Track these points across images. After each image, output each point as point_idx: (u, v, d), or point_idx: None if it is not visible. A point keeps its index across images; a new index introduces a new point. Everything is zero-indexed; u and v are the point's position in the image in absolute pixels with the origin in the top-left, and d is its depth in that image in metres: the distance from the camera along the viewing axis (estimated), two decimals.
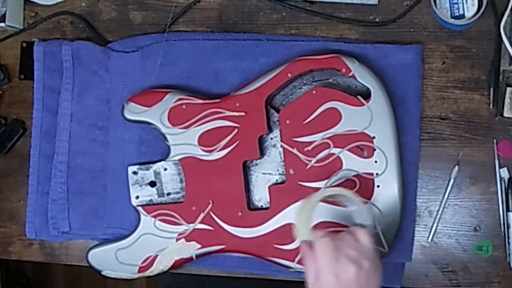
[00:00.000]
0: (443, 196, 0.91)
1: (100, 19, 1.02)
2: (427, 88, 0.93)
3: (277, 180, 0.92)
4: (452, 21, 0.90)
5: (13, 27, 1.02)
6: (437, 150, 0.92)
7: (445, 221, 0.92)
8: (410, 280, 0.93)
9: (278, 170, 0.92)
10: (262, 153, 0.92)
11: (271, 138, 0.92)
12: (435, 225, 0.91)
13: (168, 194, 0.93)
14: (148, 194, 0.94)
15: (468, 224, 0.92)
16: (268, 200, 0.90)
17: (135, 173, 0.94)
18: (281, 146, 0.90)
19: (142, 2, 1.00)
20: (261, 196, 0.92)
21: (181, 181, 0.93)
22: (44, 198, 0.98)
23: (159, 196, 0.94)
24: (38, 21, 1.03)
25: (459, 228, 0.92)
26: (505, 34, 0.88)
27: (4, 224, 1.03)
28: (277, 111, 0.91)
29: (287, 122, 0.89)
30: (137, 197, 0.94)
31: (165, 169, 0.93)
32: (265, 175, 0.93)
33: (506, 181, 0.90)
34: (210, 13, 0.99)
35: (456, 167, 0.91)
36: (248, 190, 0.92)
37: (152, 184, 0.93)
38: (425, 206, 0.92)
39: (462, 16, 0.90)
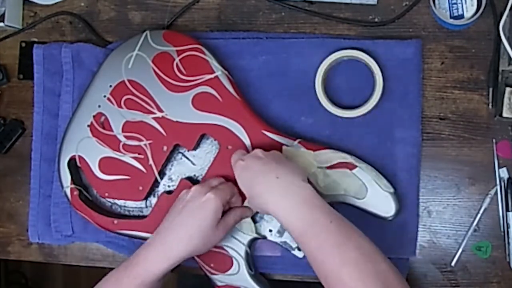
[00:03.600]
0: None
1: (99, 19, 1.02)
2: (426, 88, 0.93)
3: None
4: (451, 21, 0.90)
5: (12, 27, 1.02)
6: (436, 150, 0.92)
7: (444, 221, 0.92)
8: (409, 280, 0.93)
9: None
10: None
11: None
12: (460, 249, 0.92)
13: None
14: None
15: (467, 224, 0.91)
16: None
17: None
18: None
19: (141, 2, 1.00)
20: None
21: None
22: (46, 202, 0.98)
23: None
24: (37, 21, 1.03)
25: (458, 228, 0.92)
26: (504, 34, 0.88)
27: (3, 224, 1.03)
28: None
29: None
30: None
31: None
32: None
33: (506, 181, 0.90)
34: (209, 13, 0.99)
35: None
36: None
37: None
38: (424, 206, 0.92)
39: (461, 16, 0.90)
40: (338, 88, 0.93)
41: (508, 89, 0.88)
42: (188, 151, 0.94)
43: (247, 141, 0.89)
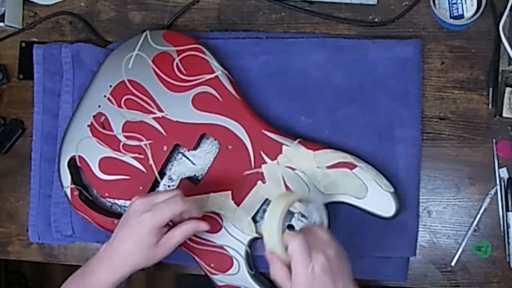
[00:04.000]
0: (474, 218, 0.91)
1: (99, 19, 1.02)
2: (426, 88, 0.93)
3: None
4: (451, 21, 0.90)
5: (12, 27, 1.02)
6: (436, 150, 0.92)
7: (444, 221, 0.92)
8: (409, 280, 0.92)
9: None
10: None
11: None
12: (460, 249, 0.92)
13: None
14: None
15: (467, 224, 0.92)
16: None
17: None
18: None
19: (141, 2, 1.00)
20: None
21: None
22: (46, 202, 0.98)
23: None
24: (37, 21, 1.03)
25: (458, 228, 0.92)
26: (504, 34, 0.88)
27: (3, 224, 1.03)
28: None
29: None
30: None
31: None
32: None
33: (506, 181, 0.90)
34: (209, 13, 0.99)
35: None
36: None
37: None
38: (424, 206, 0.92)
39: (461, 16, 0.90)
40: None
41: (508, 89, 0.88)
42: (188, 151, 0.94)
43: (247, 141, 0.89)
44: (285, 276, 0.75)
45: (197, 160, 0.94)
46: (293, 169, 0.88)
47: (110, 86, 0.94)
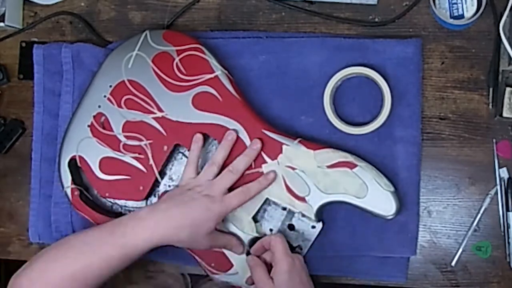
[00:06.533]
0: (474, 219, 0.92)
1: (99, 19, 1.02)
2: (426, 88, 0.93)
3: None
4: (451, 21, 0.90)
5: (12, 26, 1.02)
6: (436, 150, 0.92)
7: (444, 221, 0.92)
8: (409, 280, 0.93)
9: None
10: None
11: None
12: (460, 249, 0.92)
13: None
14: None
15: (467, 224, 0.92)
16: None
17: None
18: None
19: (141, 2, 1.00)
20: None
21: None
22: (47, 202, 0.98)
23: None
24: (37, 21, 1.03)
25: (458, 228, 0.92)
26: (504, 34, 0.88)
27: (3, 224, 1.03)
28: None
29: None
30: None
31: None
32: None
33: (506, 181, 0.90)
34: (209, 13, 0.99)
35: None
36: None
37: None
38: (424, 206, 0.92)
39: (461, 16, 0.90)
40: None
41: (508, 89, 0.88)
42: (188, 150, 0.94)
43: (247, 141, 0.89)
44: (265, 275, 0.82)
45: None
46: (293, 168, 0.88)
47: (110, 86, 0.94)
